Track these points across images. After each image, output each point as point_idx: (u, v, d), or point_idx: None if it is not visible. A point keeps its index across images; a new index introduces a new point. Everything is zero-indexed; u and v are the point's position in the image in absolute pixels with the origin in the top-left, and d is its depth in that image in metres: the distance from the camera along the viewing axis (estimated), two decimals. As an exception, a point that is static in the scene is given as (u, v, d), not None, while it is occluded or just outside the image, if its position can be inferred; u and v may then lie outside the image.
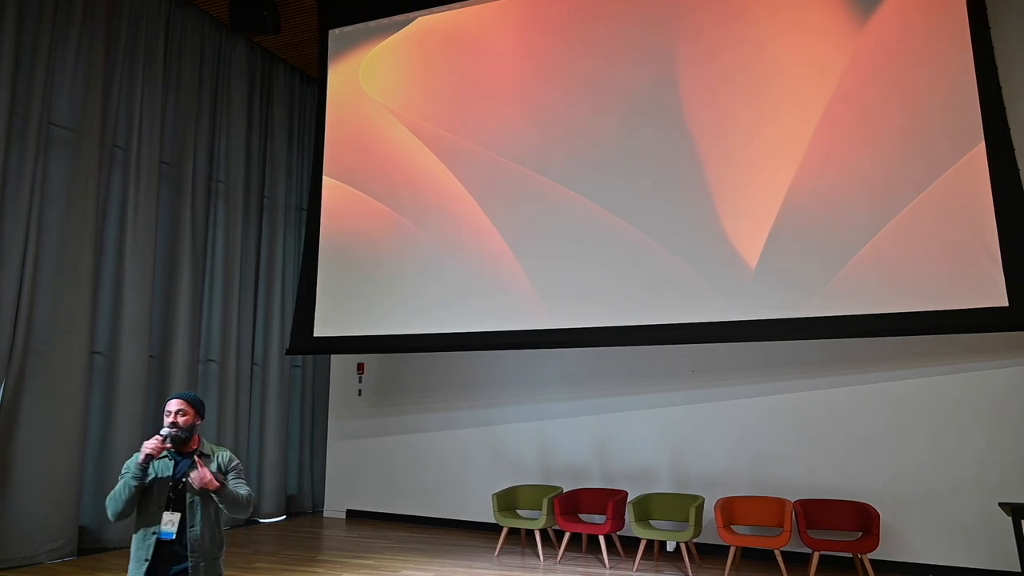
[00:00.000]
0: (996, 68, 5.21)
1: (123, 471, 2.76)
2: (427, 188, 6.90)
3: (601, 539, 5.83)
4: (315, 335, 7.11)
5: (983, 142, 5.12)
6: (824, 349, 6.05)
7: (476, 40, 6.93)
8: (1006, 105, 5.21)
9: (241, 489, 2.82)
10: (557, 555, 5.98)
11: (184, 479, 2.74)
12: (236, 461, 2.93)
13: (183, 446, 2.85)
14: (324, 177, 7.40)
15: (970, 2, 5.31)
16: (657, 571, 5.58)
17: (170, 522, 2.69)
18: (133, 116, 6.58)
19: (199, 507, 2.75)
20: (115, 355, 6.26)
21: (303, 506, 8.36)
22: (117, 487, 2.73)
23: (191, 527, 2.72)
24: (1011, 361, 5.47)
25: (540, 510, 6.10)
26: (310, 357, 8.58)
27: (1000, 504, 3.88)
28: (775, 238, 5.58)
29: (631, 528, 5.70)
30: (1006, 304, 4.91)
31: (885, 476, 5.69)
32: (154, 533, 2.70)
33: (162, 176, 6.89)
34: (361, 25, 7.49)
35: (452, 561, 5.83)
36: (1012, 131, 5.20)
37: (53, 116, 5.96)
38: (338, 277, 7.14)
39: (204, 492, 2.73)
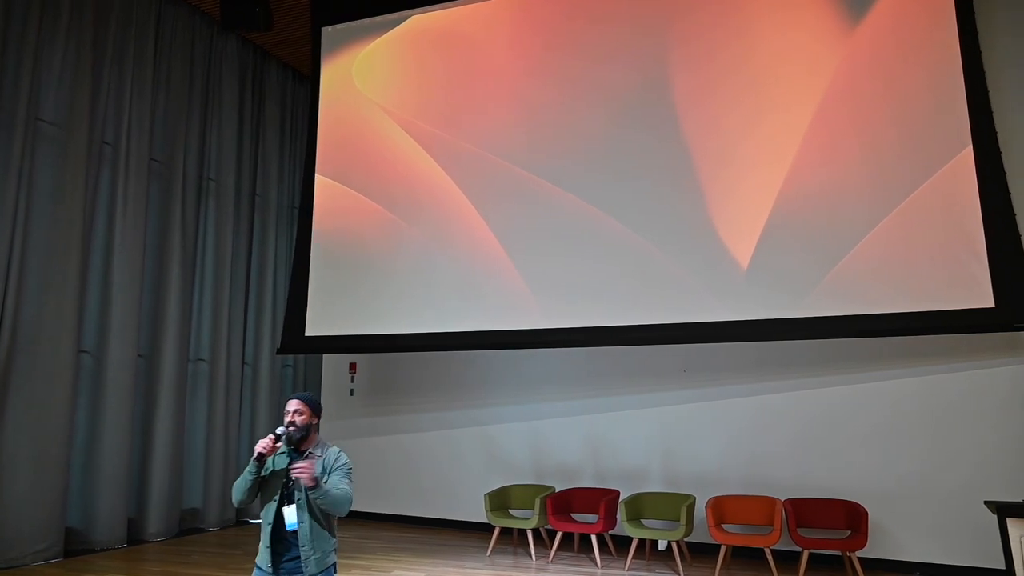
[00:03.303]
0: (984, 73, 5.30)
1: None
2: (420, 187, 6.89)
3: (593, 538, 5.85)
4: (307, 334, 7.08)
5: (971, 145, 5.20)
6: (814, 349, 6.10)
7: (471, 39, 6.93)
8: (993, 109, 5.29)
9: (338, 488, 2.89)
10: (549, 555, 5.99)
11: (295, 477, 2.88)
12: (343, 461, 3.00)
13: (301, 444, 2.97)
14: (316, 175, 7.36)
15: (959, 8, 5.38)
16: (649, 570, 5.61)
17: (291, 514, 2.88)
18: (122, 112, 6.51)
19: (306, 502, 2.88)
20: (103, 354, 6.19)
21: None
22: (240, 477, 2.95)
23: (300, 523, 2.88)
24: (997, 361, 5.55)
25: (532, 510, 6.11)
26: (302, 357, 8.53)
27: (986, 502, 3.93)
28: (767, 238, 5.63)
29: (623, 527, 5.72)
30: (992, 305, 4.99)
31: (874, 475, 5.76)
32: (269, 523, 2.91)
33: (151, 173, 6.82)
34: (355, 23, 7.46)
35: (444, 561, 5.82)
36: (999, 135, 5.28)
37: (40, 111, 5.87)
38: (330, 276, 7.11)
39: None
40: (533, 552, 6.01)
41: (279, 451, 3.00)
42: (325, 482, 2.90)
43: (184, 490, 6.98)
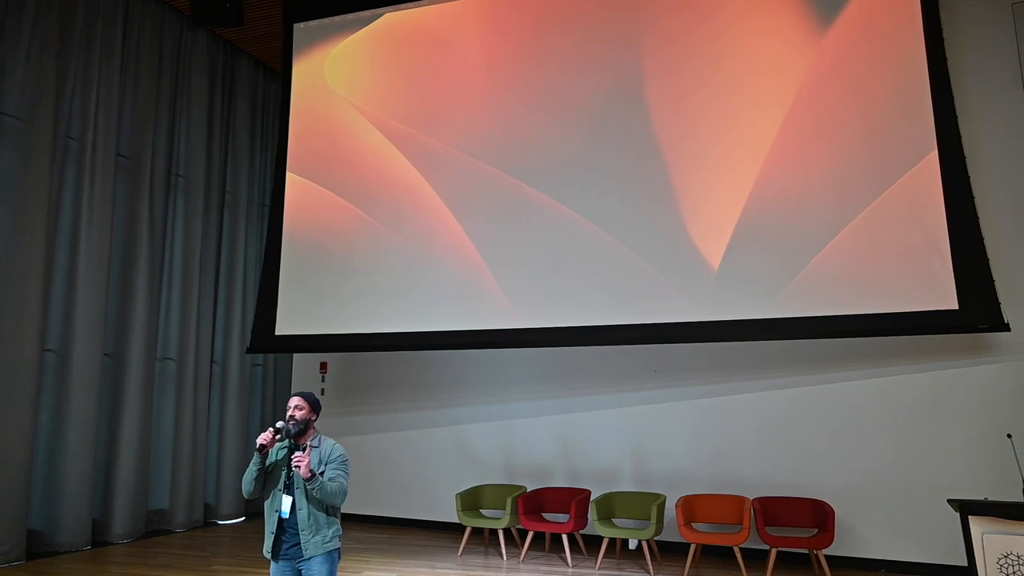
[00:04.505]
0: (949, 80, 5.38)
1: None
2: (393, 185, 6.84)
3: (564, 538, 5.86)
4: (277, 333, 7.00)
5: (936, 150, 5.28)
6: (784, 349, 6.17)
7: (444, 39, 6.89)
8: (958, 115, 5.38)
9: (333, 482, 3.08)
10: (520, 554, 5.99)
11: (295, 467, 3.04)
12: (339, 453, 3.20)
13: (300, 437, 3.15)
14: (287, 173, 7.28)
15: (925, 16, 5.47)
16: (619, 569, 5.63)
17: (285, 503, 3.08)
18: (88, 107, 6.38)
19: (305, 492, 3.06)
20: (67, 353, 6.07)
21: (263, 507, 8.21)
22: (247, 470, 3.14)
23: (299, 509, 3.07)
24: (961, 362, 5.65)
25: (504, 509, 6.10)
26: (272, 356, 8.44)
27: (948, 500, 4.00)
28: (737, 241, 5.68)
29: (594, 527, 5.74)
30: (956, 307, 5.07)
31: (840, 474, 5.83)
32: (275, 511, 3.10)
33: (119, 169, 6.70)
34: (327, 20, 7.39)
35: (415, 561, 5.79)
36: (964, 140, 5.37)
37: (2, 105, 5.74)
38: (301, 274, 7.04)
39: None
40: (504, 552, 6.00)
41: (281, 444, 3.18)
42: (322, 473, 3.09)
43: (151, 491, 6.87)
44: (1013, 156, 5.68)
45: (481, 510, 6.49)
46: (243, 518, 7.81)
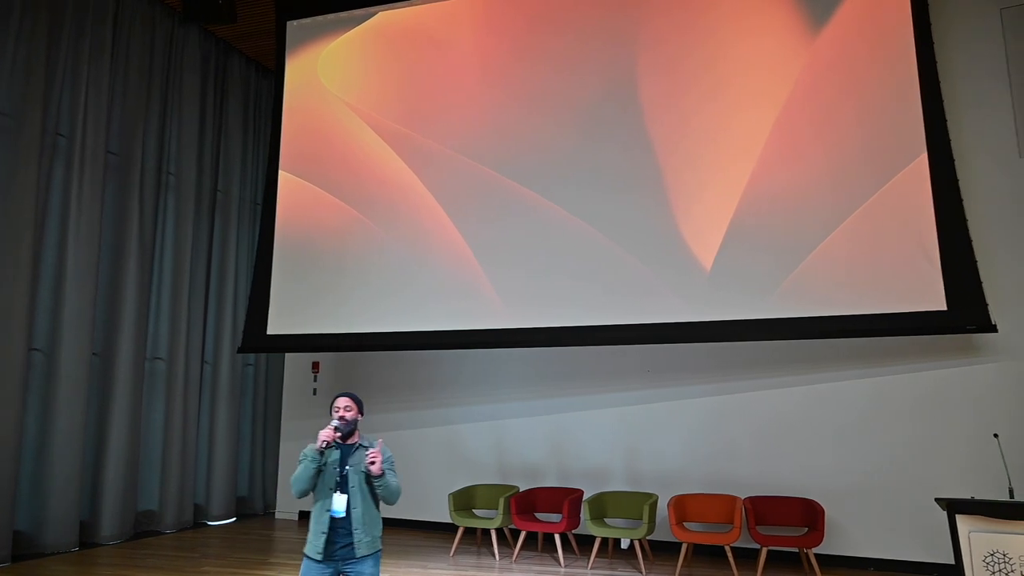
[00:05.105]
0: (939, 82, 5.44)
1: (300, 457, 3.21)
2: (385, 184, 6.83)
3: (556, 538, 5.86)
4: (268, 333, 6.96)
5: (926, 152, 5.33)
6: (775, 349, 6.21)
7: (437, 39, 6.88)
8: (948, 118, 5.44)
9: (394, 479, 3.20)
10: (513, 554, 5.99)
11: (348, 467, 3.16)
12: (390, 455, 3.27)
13: (347, 438, 3.24)
14: (280, 171, 7.25)
15: (916, 20, 5.52)
16: (611, 569, 5.64)
17: (339, 502, 3.11)
18: (78, 103, 6.31)
19: (359, 491, 3.15)
20: (55, 352, 6.00)
21: (254, 508, 8.18)
22: (299, 470, 3.18)
23: (354, 508, 3.13)
24: (949, 362, 5.71)
25: (496, 509, 6.10)
26: (263, 355, 8.39)
27: (936, 499, 4.04)
28: (729, 241, 5.71)
29: (586, 526, 5.75)
30: (944, 308, 5.13)
31: (831, 473, 5.88)
32: (327, 511, 3.12)
33: (108, 167, 6.64)
34: (320, 18, 7.37)
35: (407, 561, 5.78)
36: (952, 143, 5.43)
37: (-9, 101, 5.69)
38: (293, 273, 7.01)
39: (365, 477, 3.15)
40: (496, 552, 6.00)
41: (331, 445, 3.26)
42: None
43: (139, 492, 6.81)
44: (1001, 160, 5.75)
45: (474, 510, 6.48)
46: (233, 519, 7.76)
